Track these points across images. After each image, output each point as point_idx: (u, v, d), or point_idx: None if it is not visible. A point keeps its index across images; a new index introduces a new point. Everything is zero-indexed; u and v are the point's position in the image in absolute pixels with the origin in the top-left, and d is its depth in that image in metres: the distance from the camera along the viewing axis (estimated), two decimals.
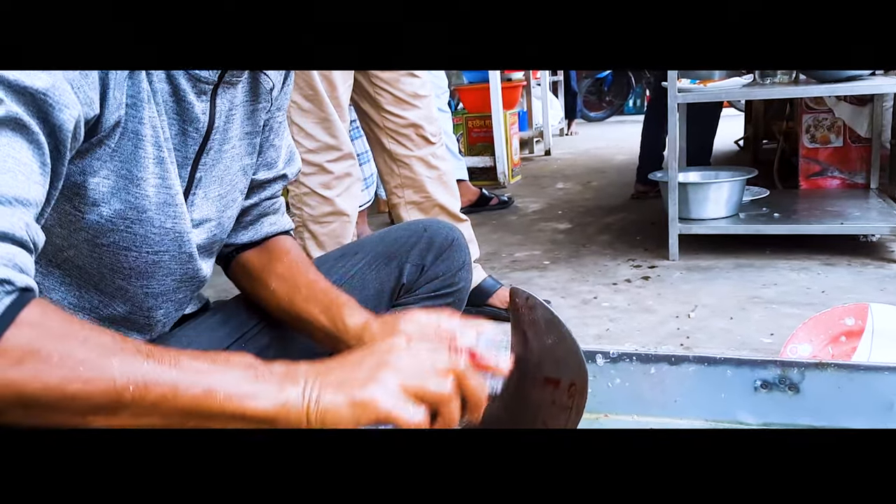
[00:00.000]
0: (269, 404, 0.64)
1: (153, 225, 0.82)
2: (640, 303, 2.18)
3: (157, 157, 0.80)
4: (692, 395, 1.24)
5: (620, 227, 3.09)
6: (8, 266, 0.59)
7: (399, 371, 0.67)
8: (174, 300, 0.93)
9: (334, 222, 1.89)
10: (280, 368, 0.68)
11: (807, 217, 2.56)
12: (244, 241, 1.05)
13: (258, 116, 0.96)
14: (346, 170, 1.88)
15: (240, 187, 0.96)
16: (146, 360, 0.62)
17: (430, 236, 1.12)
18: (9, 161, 0.61)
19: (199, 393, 0.63)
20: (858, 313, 1.37)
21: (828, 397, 1.17)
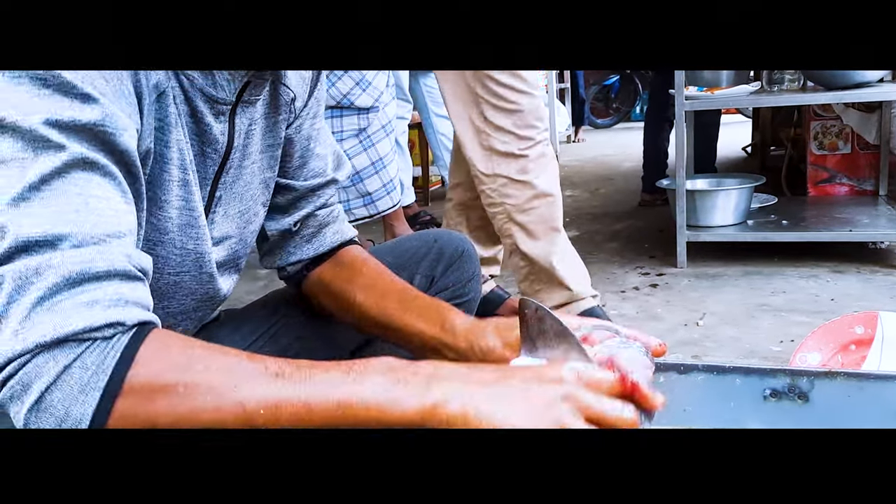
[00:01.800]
0: (413, 408, 0.61)
1: (175, 246, 0.82)
2: (648, 311, 2.18)
3: (182, 179, 0.80)
4: (701, 404, 1.24)
5: (628, 234, 3.09)
6: (117, 306, 0.60)
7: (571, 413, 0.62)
8: (193, 318, 0.93)
9: (540, 206, 1.81)
10: (427, 367, 0.65)
11: (815, 224, 2.55)
12: (310, 256, 1.03)
13: (279, 129, 0.95)
14: (541, 152, 1.81)
15: (261, 201, 0.96)
16: (274, 379, 0.62)
17: (441, 247, 1.12)
18: (91, 201, 0.61)
19: (333, 407, 0.61)
20: (868, 322, 1.36)
21: (837, 406, 1.16)
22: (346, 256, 1.04)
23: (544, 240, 1.81)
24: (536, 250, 1.81)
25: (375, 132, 2.80)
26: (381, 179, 2.82)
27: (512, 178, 1.80)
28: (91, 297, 0.59)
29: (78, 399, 0.57)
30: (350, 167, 1.08)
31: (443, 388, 0.62)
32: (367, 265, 1.02)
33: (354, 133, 2.78)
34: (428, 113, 3.65)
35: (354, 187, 2.82)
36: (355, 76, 2.74)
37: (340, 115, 2.78)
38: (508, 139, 1.78)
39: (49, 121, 0.61)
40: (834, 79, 2.38)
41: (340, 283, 1.01)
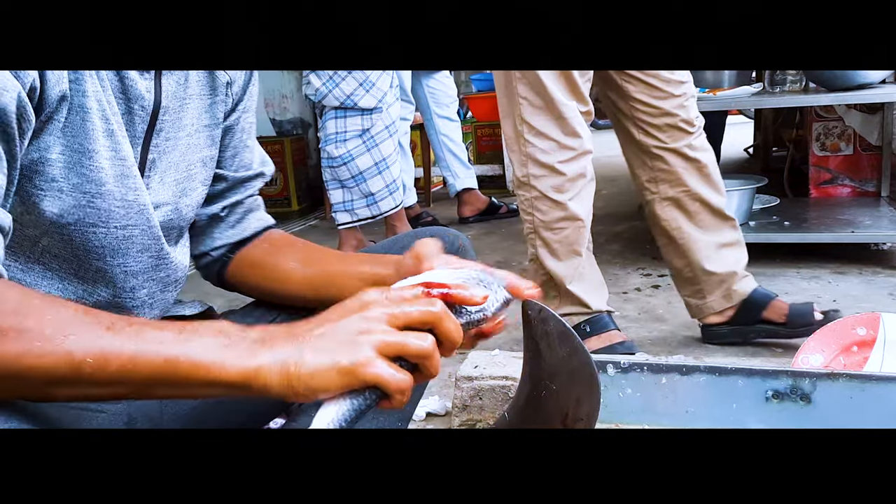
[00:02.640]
0: (239, 369, 0.63)
1: (115, 198, 0.83)
2: (650, 312, 2.18)
3: (107, 129, 0.81)
4: (703, 406, 1.25)
5: (630, 235, 3.10)
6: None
7: (378, 331, 0.65)
8: (156, 279, 0.93)
9: (567, 228, 1.77)
10: (255, 333, 0.66)
11: (817, 225, 2.55)
12: (234, 240, 1.06)
13: (216, 109, 0.98)
14: (580, 170, 1.76)
15: (200, 178, 0.97)
16: (105, 332, 0.63)
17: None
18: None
19: (160, 363, 0.63)
20: (870, 323, 1.37)
21: (839, 408, 1.17)
22: (274, 235, 1.08)
23: (565, 261, 1.80)
24: (556, 269, 1.80)
25: (379, 133, 2.81)
26: (384, 180, 2.83)
27: (546, 194, 1.76)
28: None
29: None
30: (273, 166, 1.12)
31: (267, 353, 0.64)
32: (298, 241, 1.05)
33: (358, 134, 2.79)
34: (430, 114, 3.65)
35: (357, 188, 2.83)
36: (359, 77, 2.75)
37: (344, 116, 2.79)
38: (549, 147, 1.74)
39: None
40: (836, 80, 2.38)
41: (271, 257, 1.04)
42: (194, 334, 0.65)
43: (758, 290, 1.84)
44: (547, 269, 1.81)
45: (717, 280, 1.82)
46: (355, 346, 0.64)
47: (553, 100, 1.70)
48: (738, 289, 1.82)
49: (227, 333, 0.66)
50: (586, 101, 1.74)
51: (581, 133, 1.74)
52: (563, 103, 1.70)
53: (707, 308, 1.84)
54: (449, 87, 3.67)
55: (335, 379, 0.63)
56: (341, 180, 2.83)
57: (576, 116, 1.72)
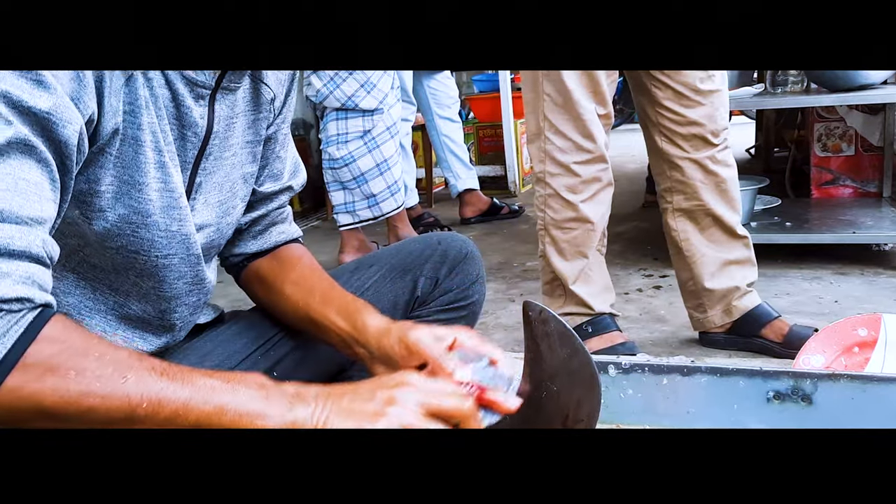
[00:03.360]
0: (276, 423, 0.67)
1: (159, 229, 0.84)
2: (651, 312, 2.18)
3: (159, 161, 0.82)
4: (704, 406, 1.24)
5: (631, 236, 3.09)
6: (27, 284, 0.62)
7: (406, 410, 0.69)
8: (188, 304, 0.95)
9: (576, 229, 1.77)
10: (291, 389, 0.71)
11: (819, 226, 2.55)
12: (253, 251, 1.07)
13: (259, 126, 0.98)
14: (596, 174, 1.75)
15: (240, 195, 0.98)
16: (160, 378, 0.65)
17: (444, 249, 1.13)
18: (20, 183, 0.64)
19: (210, 411, 0.66)
20: (871, 324, 1.36)
21: (841, 409, 1.17)
22: (285, 253, 1.08)
23: (570, 262, 1.80)
24: (561, 268, 1.80)
25: (380, 134, 2.81)
26: (386, 181, 2.83)
27: (559, 193, 1.76)
28: (3, 269, 0.61)
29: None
30: (305, 176, 1.11)
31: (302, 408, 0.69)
32: (301, 262, 1.06)
33: (359, 135, 2.79)
34: (431, 115, 3.65)
35: (359, 189, 2.83)
36: (360, 78, 2.75)
37: (345, 118, 2.79)
38: (566, 146, 1.73)
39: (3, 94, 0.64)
40: (838, 81, 2.38)
41: (273, 275, 1.05)
42: (239, 385, 0.69)
43: (761, 306, 1.83)
44: (553, 267, 1.81)
45: (717, 296, 1.82)
46: (380, 416, 0.68)
47: (572, 99, 1.69)
48: (738, 304, 1.82)
49: (266, 387, 0.70)
50: (606, 104, 1.73)
51: (597, 137, 1.73)
52: (581, 104, 1.69)
53: (708, 322, 1.85)
54: (450, 87, 3.67)
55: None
56: (342, 182, 2.83)
57: (593, 119, 1.72)
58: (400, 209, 2.92)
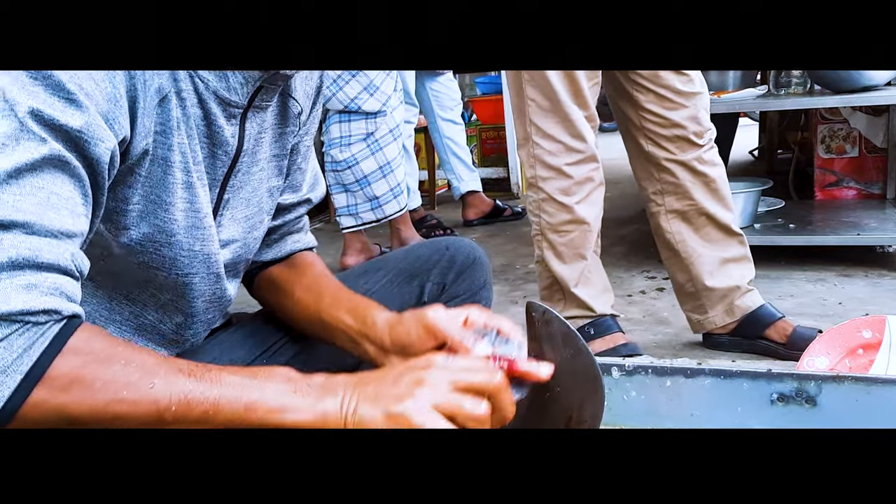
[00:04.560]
0: (307, 416, 0.67)
1: (182, 248, 0.84)
2: (654, 314, 2.17)
3: (186, 181, 0.81)
4: (708, 408, 1.24)
5: (635, 238, 3.09)
6: (55, 295, 0.63)
7: (435, 389, 0.68)
8: (204, 321, 0.95)
9: (573, 231, 1.76)
10: (319, 380, 0.71)
11: (822, 228, 2.54)
12: (268, 259, 1.07)
13: (286, 140, 0.97)
14: (588, 174, 1.75)
15: (266, 209, 0.98)
16: (188, 379, 0.65)
17: (452, 254, 1.12)
18: (53, 198, 0.64)
19: (239, 409, 0.66)
20: (876, 326, 1.36)
21: (845, 411, 1.16)
22: (298, 260, 1.08)
23: (570, 265, 1.79)
24: (561, 271, 1.79)
25: (383, 136, 2.80)
26: (389, 183, 2.83)
27: (553, 196, 1.75)
28: (30, 281, 0.61)
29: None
30: (324, 188, 1.12)
31: (332, 397, 0.69)
32: (313, 268, 1.06)
33: (362, 137, 2.79)
34: (434, 117, 3.65)
35: (362, 191, 2.82)
36: (363, 81, 2.74)
37: (348, 120, 2.79)
38: (556, 149, 1.73)
39: (35, 112, 0.64)
40: (841, 82, 2.37)
41: (285, 280, 1.05)
42: (267, 380, 0.69)
43: (765, 307, 1.82)
44: (552, 272, 1.80)
45: (718, 295, 1.81)
46: (408, 398, 0.68)
47: (560, 101, 1.69)
48: (740, 304, 1.80)
49: (294, 380, 0.70)
50: (589, 107, 1.73)
51: (587, 137, 1.73)
52: (568, 105, 1.69)
53: (708, 323, 1.83)
54: (452, 89, 3.67)
55: (383, 426, 0.67)
56: (345, 184, 2.83)
57: (581, 119, 1.72)
58: (403, 211, 2.92)
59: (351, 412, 0.68)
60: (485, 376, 0.70)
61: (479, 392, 0.69)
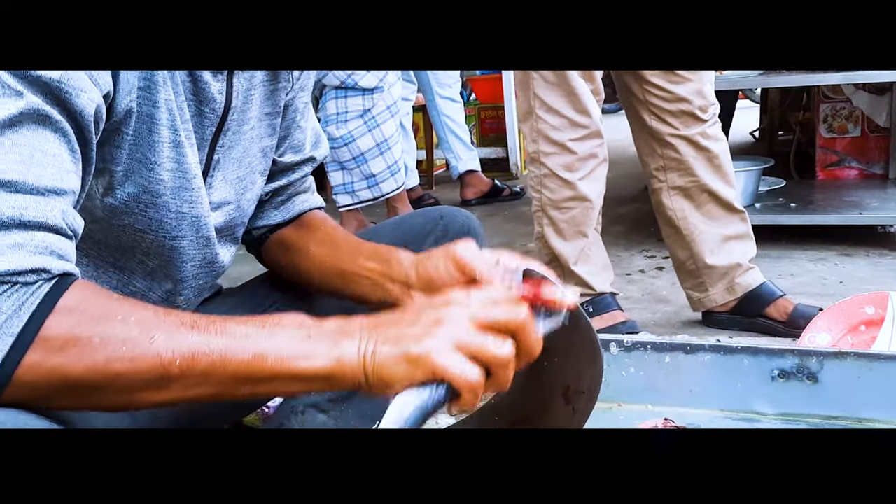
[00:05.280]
0: (323, 362, 0.63)
1: (169, 209, 0.81)
2: (654, 293, 2.16)
3: (173, 140, 0.79)
4: (708, 385, 1.22)
5: (634, 217, 3.07)
6: (44, 254, 0.60)
7: (457, 327, 0.63)
8: (194, 287, 0.92)
9: (575, 208, 1.74)
10: (334, 324, 0.66)
11: (824, 207, 2.53)
12: (276, 222, 1.04)
13: (278, 97, 0.95)
14: (592, 150, 1.73)
15: (259, 169, 0.95)
16: (191, 331, 0.62)
17: (446, 224, 1.10)
18: (37, 154, 0.61)
19: (249, 358, 0.62)
20: (879, 302, 1.34)
21: (847, 387, 1.15)
22: (308, 218, 1.05)
23: (570, 242, 1.77)
24: (561, 249, 1.77)
25: (380, 113, 2.77)
26: (386, 161, 2.80)
27: (555, 172, 1.73)
28: (17, 240, 0.58)
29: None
30: (327, 146, 1.09)
31: (349, 341, 0.64)
32: (325, 224, 1.03)
33: (359, 114, 2.76)
34: (432, 94, 3.61)
35: (359, 169, 2.80)
36: None
37: (345, 96, 2.76)
38: (560, 123, 1.70)
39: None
40: None
41: (297, 238, 1.02)
42: (277, 328, 0.64)
43: (766, 285, 1.80)
44: (552, 249, 1.78)
45: (719, 273, 1.79)
46: (429, 337, 0.63)
47: (566, 75, 1.66)
48: (741, 281, 1.79)
49: (307, 326, 0.65)
50: (595, 80, 1.71)
51: (592, 112, 1.71)
52: (575, 78, 1.67)
53: (709, 301, 1.81)
54: None
55: (404, 368, 0.62)
56: (341, 161, 2.81)
57: (587, 94, 1.69)
58: (400, 190, 2.89)
59: (370, 355, 0.63)
60: (509, 311, 0.65)
61: (503, 329, 0.64)
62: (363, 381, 0.63)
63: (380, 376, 0.63)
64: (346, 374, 0.63)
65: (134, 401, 0.62)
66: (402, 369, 0.62)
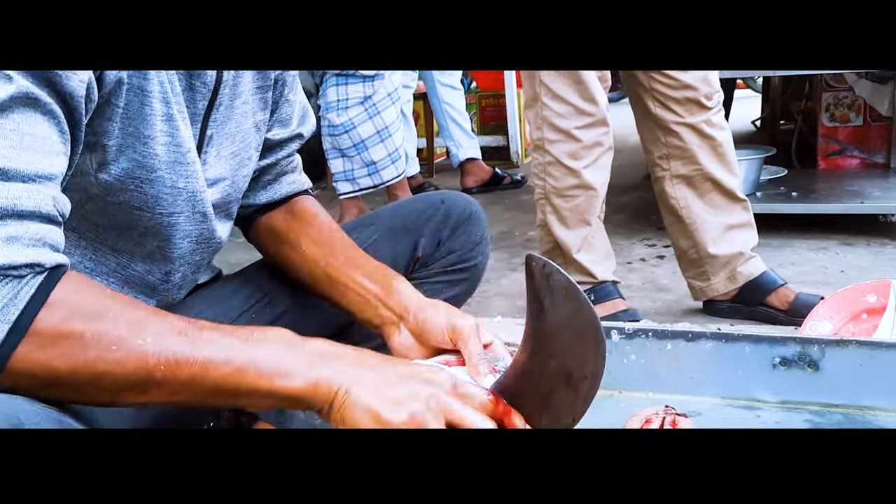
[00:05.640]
0: (299, 383, 0.65)
1: (164, 185, 0.81)
2: (655, 282, 2.15)
3: (166, 114, 0.78)
4: (709, 372, 1.22)
5: (636, 206, 3.07)
6: (37, 246, 0.60)
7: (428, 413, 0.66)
8: (192, 263, 0.92)
9: (579, 196, 1.74)
10: (319, 347, 0.68)
11: (825, 196, 2.52)
12: (263, 202, 1.03)
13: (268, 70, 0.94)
14: (597, 138, 1.72)
15: (253, 145, 0.94)
16: (178, 337, 0.63)
17: (448, 209, 1.10)
18: (26, 139, 0.61)
19: (230, 371, 0.63)
20: (881, 290, 1.34)
21: (848, 375, 1.14)
22: (299, 206, 1.04)
23: (574, 230, 1.76)
24: (564, 237, 1.77)
25: (381, 100, 2.76)
26: (387, 148, 2.79)
27: (560, 160, 1.72)
28: (11, 232, 0.59)
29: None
30: (314, 122, 1.08)
31: (329, 367, 0.66)
32: (318, 218, 1.02)
33: (360, 101, 2.75)
34: (433, 82, 3.60)
35: (359, 156, 2.79)
36: None
37: (346, 83, 2.74)
38: (566, 111, 1.69)
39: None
40: None
41: (288, 229, 1.01)
42: (261, 343, 0.66)
43: (767, 273, 1.79)
44: (555, 237, 1.77)
45: (721, 262, 1.78)
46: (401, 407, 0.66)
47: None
48: (742, 270, 1.78)
49: (293, 344, 0.67)
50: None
51: (598, 100, 1.70)
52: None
53: (711, 290, 1.81)
54: None
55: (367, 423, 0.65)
56: (342, 149, 2.79)
57: (594, 81, 1.69)
58: (400, 177, 2.88)
59: (343, 392, 0.65)
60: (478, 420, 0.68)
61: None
62: (325, 410, 0.66)
63: (342, 416, 0.65)
64: (317, 399, 0.65)
65: (116, 400, 0.62)
66: (367, 423, 0.65)
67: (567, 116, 1.69)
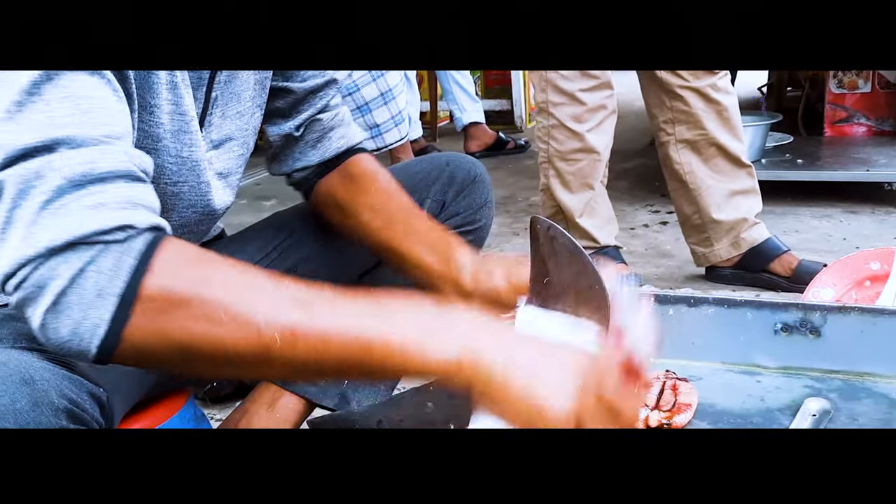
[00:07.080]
0: (442, 362, 0.59)
1: (169, 154, 0.80)
2: (657, 248, 2.15)
3: (170, 82, 0.77)
4: (710, 338, 1.22)
5: (639, 172, 3.05)
6: (126, 208, 0.58)
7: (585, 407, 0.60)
8: (196, 232, 0.91)
9: (583, 160, 1.73)
10: (463, 322, 0.61)
11: (831, 164, 2.51)
12: (315, 161, 1.00)
13: None
14: (602, 101, 1.71)
15: (259, 102, 0.93)
16: (294, 306, 0.59)
17: (452, 171, 1.09)
18: (83, 102, 0.59)
19: (352, 343, 0.58)
20: (884, 258, 1.33)
21: (850, 342, 1.15)
22: (355, 169, 1.00)
23: (577, 194, 1.76)
24: (567, 201, 1.76)
25: None
26: (390, 111, 2.77)
27: (564, 123, 1.70)
28: (97, 199, 0.57)
29: (94, 304, 0.55)
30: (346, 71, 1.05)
31: (473, 346, 0.60)
32: (376, 182, 0.99)
33: None
34: None
35: (363, 118, 2.77)
36: None
37: None
38: (570, 73, 1.67)
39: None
40: None
41: (349, 198, 0.98)
42: (394, 314, 0.60)
43: (770, 240, 1.79)
44: (557, 201, 1.77)
45: (725, 228, 1.77)
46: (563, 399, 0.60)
47: None
48: (746, 237, 1.77)
49: (427, 314, 0.61)
50: None
51: None
52: None
53: (714, 256, 1.80)
54: None
55: (522, 409, 0.60)
56: None
57: None
58: (404, 140, 2.87)
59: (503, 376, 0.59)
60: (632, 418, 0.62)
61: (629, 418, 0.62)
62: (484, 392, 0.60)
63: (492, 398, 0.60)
64: (467, 377, 0.59)
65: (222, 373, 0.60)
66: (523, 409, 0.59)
67: (572, 78, 1.68)
